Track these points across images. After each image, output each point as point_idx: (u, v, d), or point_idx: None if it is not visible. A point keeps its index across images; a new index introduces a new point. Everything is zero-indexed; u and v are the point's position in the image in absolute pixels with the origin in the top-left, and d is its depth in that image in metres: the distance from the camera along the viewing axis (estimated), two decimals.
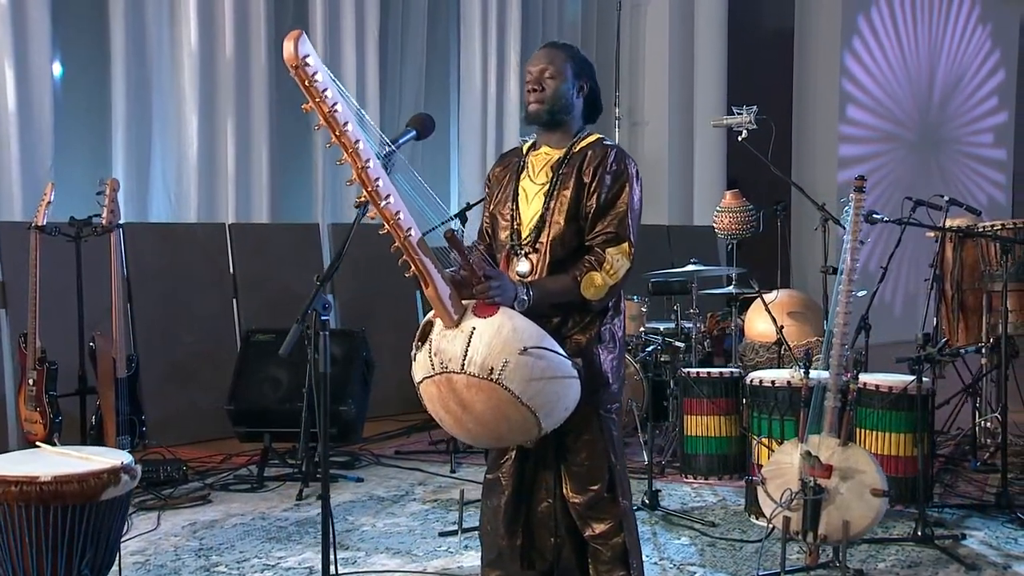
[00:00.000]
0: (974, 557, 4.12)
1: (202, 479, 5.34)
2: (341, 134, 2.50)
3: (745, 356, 6.24)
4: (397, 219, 2.60)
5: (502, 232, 3.03)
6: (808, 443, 3.78)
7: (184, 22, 7.09)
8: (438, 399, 2.76)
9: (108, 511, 2.97)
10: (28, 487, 2.84)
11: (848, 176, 11.57)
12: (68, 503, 2.86)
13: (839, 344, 3.85)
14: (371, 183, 2.55)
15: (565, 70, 2.96)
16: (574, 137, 3.01)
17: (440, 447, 6.05)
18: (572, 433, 2.93)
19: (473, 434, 2.83)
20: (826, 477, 3.72)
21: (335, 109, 2.46)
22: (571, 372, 2.74)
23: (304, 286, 7.00)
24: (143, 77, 6.95)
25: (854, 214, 3.97)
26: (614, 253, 2.87)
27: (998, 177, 13.87)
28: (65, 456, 3.15)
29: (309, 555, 4.20)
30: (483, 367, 2.62)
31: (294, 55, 2.38)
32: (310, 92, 2.44)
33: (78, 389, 5.09)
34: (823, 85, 11.54)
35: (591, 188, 2.91)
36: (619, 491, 2.99)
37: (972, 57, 13.39)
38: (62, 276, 5.15)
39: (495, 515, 3.09)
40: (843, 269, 3.91)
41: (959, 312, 5.73)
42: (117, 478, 2.97)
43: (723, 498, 5.04)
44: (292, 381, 5.59)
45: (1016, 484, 5.04)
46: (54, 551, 2.87)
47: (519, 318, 2.69)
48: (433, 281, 2.67)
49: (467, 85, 9.11)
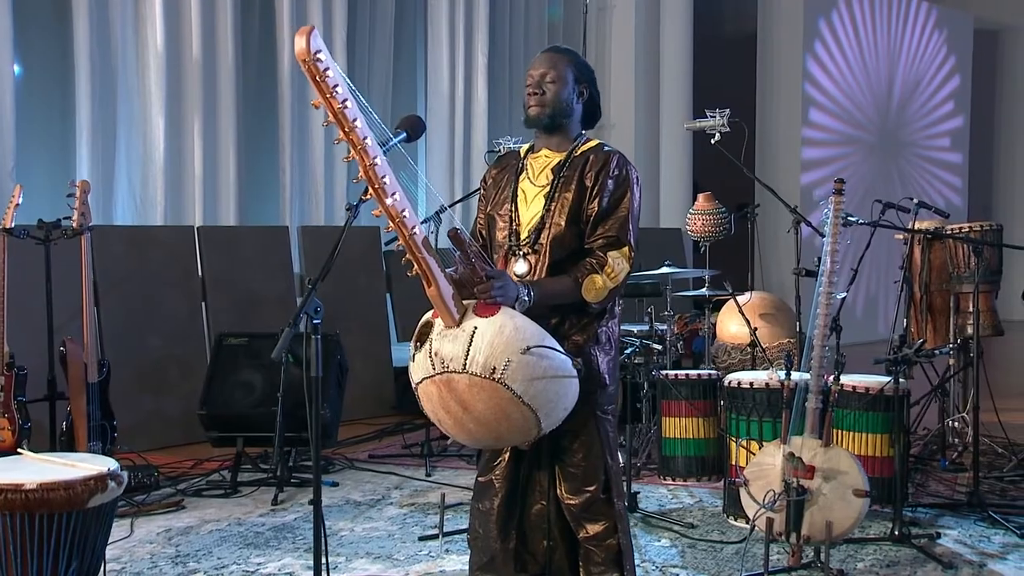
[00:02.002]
0: (950, 556, 4.17)
1: (174, 485, 5.27)
2: (350, 131, 2.48)
3: (717, 358, 6.27)
4: (403, 217, 2.58)
5: (500, 233, 3.02)
6: (791, 444, 3.80)
7: (150, 22, 7.01)
8: (438, 399, 2.74)
9: (95, 519, 2.92)
10: (13, 495, 2.78)
11: (811, 179, 11.71)
12: (54, 511, 2.80)
13: (820, 346, 3.88)
14: (378, 180, 2.54)
15: (566, 75, 2.97)
16: (574, 141, 3.03)
17: (414, 450, 6.02)
18: (569, 434, 2.93)
19: (473, 435, 2.81)
20: (809, 478, 3.74)
21: (345, 105, 2.45)
22: (572, 372, 2.74)
23: (274, 289, 7.05)
24: (108, 78, 6.86)
25: (834, 217, 4.00)
26: (615, 256, 2.90)
27: (954, 180, 14.08)
28: (49, 463, 3.09)
29: (288, 560, 4.16)
30: (486, 367, 2.61)
31: (306, 50, 2.37)
32: (321, 88, 2.42)
33: (47, 395, 4.99)
34: (786, 88, 11.65)
35: (593, 192, 2.92)
36: (614, 492, 2.99)
37: (929, 62, 13.58)
38: (29, 279, 5.06)
39: (487, 518, 3.07)
40: (823, 271, 3.94)
41: (927, 313, 5.81)
42: (104, 485, 2.91)
43: (700, 499, 5.06)
44: (266, 385, 5.53)
45: (985, 483, 5.11)
46: (39, 560, 2.81)
47: (520, 318, 2.69)
48: (436, 281, 2.65)
49: (434, 87, 9.10)
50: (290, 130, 7.76)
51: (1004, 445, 5.74)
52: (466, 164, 9.28)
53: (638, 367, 5.72)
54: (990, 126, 15.08)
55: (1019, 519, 4.59)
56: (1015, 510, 4.77)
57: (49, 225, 4.97)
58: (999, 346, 5.32)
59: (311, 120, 7.92)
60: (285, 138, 7.75)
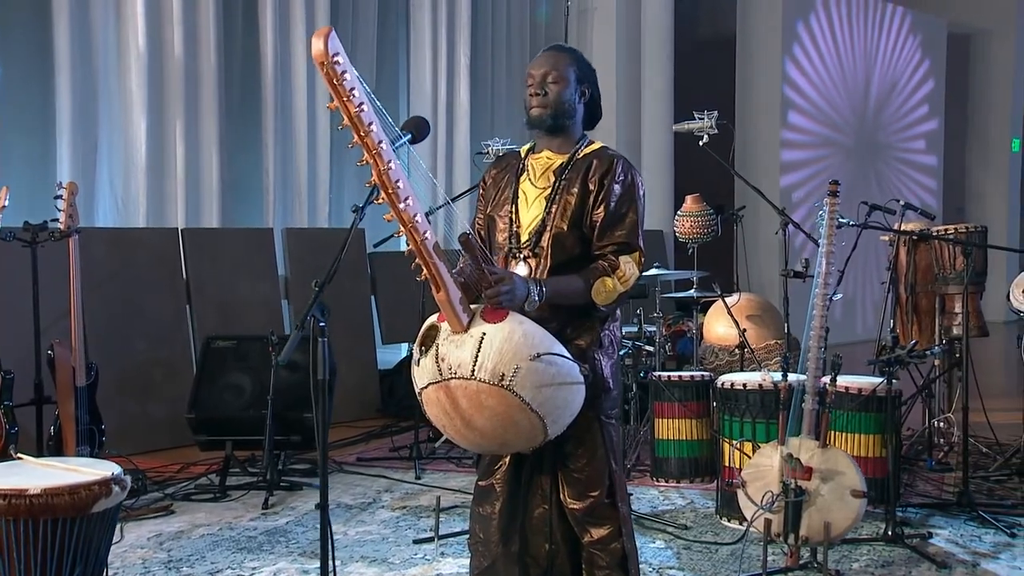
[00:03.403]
0: (944, 555, 4.20)
1: (161, 489, 5.21)
2: (366, 134, 2.45)
3: (705, 359, 6.29)
4: (415, 222, 2.56)
5: (500, 234, 2.99)
6: (788, 445, 3.82)
7: (131, 22, 6.93)
8: (443, 405, 2.72)
9: (99, 524, 2.87)
10: (17, 500, 2.73)
11: (790, 181, 11.77)
12: (58, 516, 2.75)
13: (816, 347, 3.90)
14: (391, 185, 2.51)
15: (568, 75, 2.94)
16: (576, 143, 3.00)
17: (402, 453, 5.99)
18: (573, 439, 2.90)
19: (478, 441, 2.79)
20: (807, 479, 3.76)
21: (361, 109, 2.42)
22: (579, 378, 2.73)
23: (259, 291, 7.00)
24: (89, 78, 6.78)
25: (828, 219, 4.02)
26: (626, 260, 2.90)
27: (930, 183, 14.21)
28: (51, 468, 3.04)
29: (284, 565, 4.13)
30: (494, 373, 2.59)
31: (324, 52, 2.34)
32: (338, 91, 2.39)
33: (34, 399, 4.93)
34: (765, 91, 11.70)
35: (599, 197, 2.90)
36: (618, 497, 2.98)
37: (904, 66, 13.70)
38: (14, 282, 4.99)
39: (488, 522, 3.04)
40: (819, 273, 3.96)
41: (913, 314, 5.85)
42: (108, 490, 2.87)
43: (691, 501, 5.06)
44: (255, 388, 5.48)
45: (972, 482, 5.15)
46: (43, 566, 2.76)
47: (529, 323, 2.67)
48: (445, 286, 2.62)
49: (417, 88, 9.08)
50: (273, 131, 7.70)
51: (990, 445, 5.79)
52: (448, 166, 9.26)
53: (627, 369, 5.74)
54: (963, 129, 15.24)
55: (1008, 518, 4.64)
56: (1003, 509, 4.81)
57: (36, 227, 4.91)
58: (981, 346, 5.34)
59: (294, 121, 7.87)
60: (268, 139, 7.70)
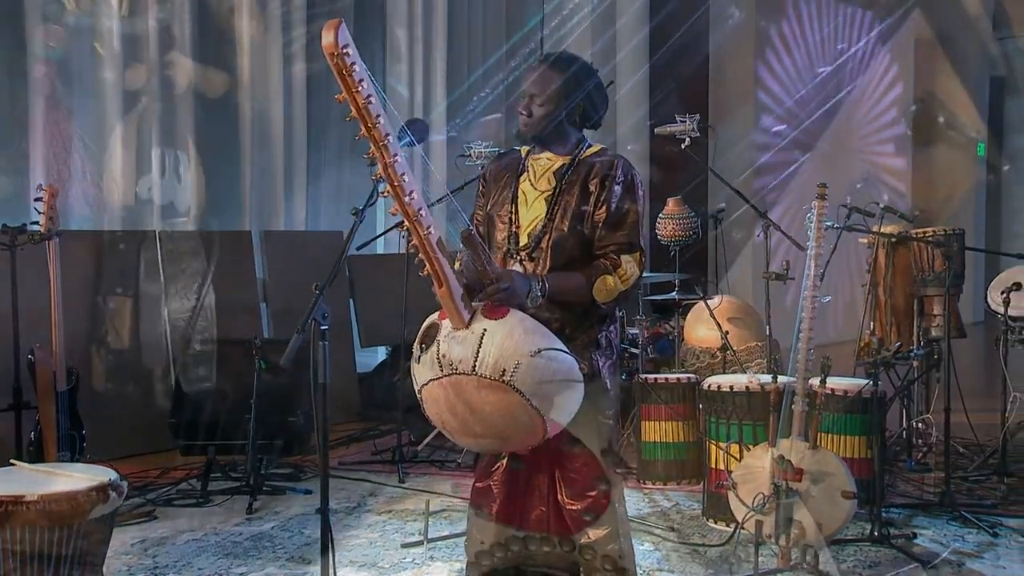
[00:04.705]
0: (929, 555, 4.23)
1: (142, 494, 5.16)
2: (373, 127, 2.45)
3: (686, 361, 6.31)
4: (419, 216, 2.55)
5: (499, 234, 3.01)
6: (779, 447, 3.84)
7: (106, 22, 6.85)
8: (444, 402, 2.72)
9: (96, 530, 2.83)
10: (14, 507, 2.69)
11: (763, 184, 11.84)
12: (56, 523, 2.72)
13: (805, 349, 3.92)
14: (397, 178, 2.51)
15: (555, 96, 2.98)
16: (577, 146, 3.04)
17: (384, 456, 5.96)
18: (571, 439, 2.91)
19: (478, 437, 2.79)
20: (797, 480, 3.78)
21: (369, 101, 2.42)
22: (579, 375, 2.74)
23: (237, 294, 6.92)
24: (63, 79, 6.69)
25: (817, 221, 4.05)
26: (628, 260, 2.91)
27: (899, 186, 14.36)
28: (46, 474, 2.99)
29: (272, 570, 4.10)
30: (495, 369, 2.60)
31: (334, 43, 2.34)
32: (347, 83, 2.40)
33: (13, 404, 4.85)
34: (738, 95, 11.76)
35: (600, 198, 2.93)
36: (615, 497, 2.98)
37: (873, 71, 13.84)
38: None
39: (486, 524, 3.05)
40: (807, 275, 3.98)
41: (892, 316, 5.90)
42: (105, 495, 2.83)
43: (676, 503, 5.07)
44: (236, 392, 5.44)
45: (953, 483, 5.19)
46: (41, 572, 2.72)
47: (529, 320, 2.68)
48: (448, 281, 2.63)
49: (393, 91, 9.03)
50: (250, 134, 7.64)
51: (968, 445, 5.85)
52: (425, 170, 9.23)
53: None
54: (931, 133, 15.41)
55: (989, 518, 4.69)
56: (984, 509, 4.86)
57: (15, 230, 4.84)
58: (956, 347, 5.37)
59: (271, 124, 7.81)
60: (245, 142, 7.64)
